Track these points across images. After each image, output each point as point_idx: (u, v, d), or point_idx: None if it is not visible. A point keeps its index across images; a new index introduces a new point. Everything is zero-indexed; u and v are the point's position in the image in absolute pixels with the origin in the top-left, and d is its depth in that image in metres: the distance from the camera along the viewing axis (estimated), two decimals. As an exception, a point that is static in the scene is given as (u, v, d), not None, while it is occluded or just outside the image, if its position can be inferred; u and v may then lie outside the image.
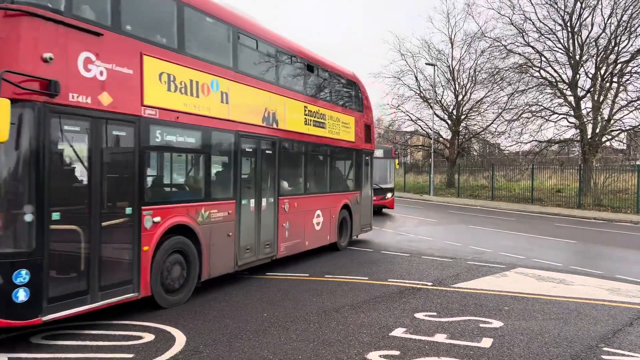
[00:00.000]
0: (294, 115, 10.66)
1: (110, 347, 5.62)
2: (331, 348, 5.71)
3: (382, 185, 21.34)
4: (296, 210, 10.65)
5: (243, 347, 5.67)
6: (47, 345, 5.66)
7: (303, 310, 7.27)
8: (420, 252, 12.75)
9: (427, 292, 8.54)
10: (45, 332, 6.00)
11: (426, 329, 6.47)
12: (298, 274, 9.81)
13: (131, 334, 6.08)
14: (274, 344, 5.83)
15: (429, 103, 40.36)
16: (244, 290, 8.43)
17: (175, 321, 6.61)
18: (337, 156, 12.99)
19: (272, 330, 6.30)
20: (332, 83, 12.82)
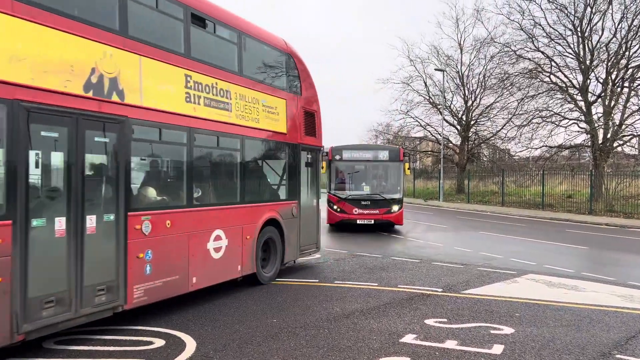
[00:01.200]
0: (163, 85, 7.13)
1: (121, 352, 5.65)
2: (341, 354, 5.70)
3: (386, 194, 18.06)
4: (171, 232, 7.07)
5: (253, 353, 5.68)
6: (59, 350, 5.71)
7: (313, 316, 7.27)
8: (430, 258, 12.70)
9: (438, 299, 8.50)
10: (57, 336, 6.05)
11: (437, 336, 6.44)
12: (307, 280, 9.81)
13: (142, 339, 6.11)
14: (284, 349, 5.83)
15: (438, 109, 40.30)
16: (253, 297, 8.44)
17: (186, 326, 6.64)
18: (257, 153, 9.51)
19: (282, 336, 6.31)
20: (246, 49, 8.94)
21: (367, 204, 17.75)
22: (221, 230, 8.17)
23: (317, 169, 11.59)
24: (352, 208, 17.74)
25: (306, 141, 10.91)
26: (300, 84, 10.78)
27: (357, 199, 17.88)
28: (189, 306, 7.68)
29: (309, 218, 11.04)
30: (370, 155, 18.73)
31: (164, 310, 7.31)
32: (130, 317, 6.95)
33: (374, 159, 18.62)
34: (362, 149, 19.26)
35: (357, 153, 18.71)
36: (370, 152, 18.97)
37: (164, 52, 7.12)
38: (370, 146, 19.60)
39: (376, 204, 17.70)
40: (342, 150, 18.48)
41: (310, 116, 11.18)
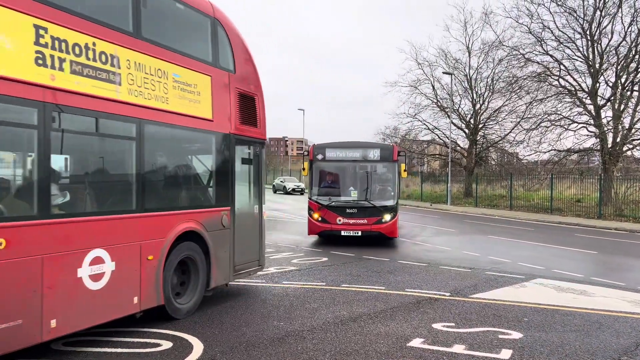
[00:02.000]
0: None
1: (129, 355, 5.66)
2: (349, 358, 5.68)
3: (377, 201, 15.04)
4: (7, 256, 4.77)
5: (260, 356, 5.67)
6: (67, 351, 5.73)
7: (320, 319, 7.26)
8: (438, 262, 12.65)
9: (445, 303, 8.46)
10: (65, 338, 6.07)
11: (444, 340, 6.41)
12: (314, 283, 9.80)
13: (149, 342, 6.12)
14: (291, 353, 5.82)
15: (446, 112, 40.20)
16: (260, 299, 8.44)
17: (193, 329, 6.64)
18: (167, 143, 7.24)
19: (289, 340, 6.30)
20: (147, 5, 6.72)
21: (353, 212, 14.84)
22: (103, 250, 5.84)
23: (260, 167, 9.36)
24: (335, 217, 14.87)
25: (243, 131, 8.60)
26: (233, 58, 8.44)
27: (341, 206, 15.01)
28: (197, 309, 7.68)
29: (247, 229, 8.83)
30: (359, 154, 15.52)
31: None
32: (138, 319, 6.96)
33: (363, 159, 15.51)
34: (348, 147, 15.72)
35: (343, 152, 15.54)
36: (359, 150, 15.60)
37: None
38: (358, 143, 16.12)
39: (364, 213, 14.83)
40: (325, 149, 15.56)
41: (249, 100, 8.84)
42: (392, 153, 15.34)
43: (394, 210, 14.94)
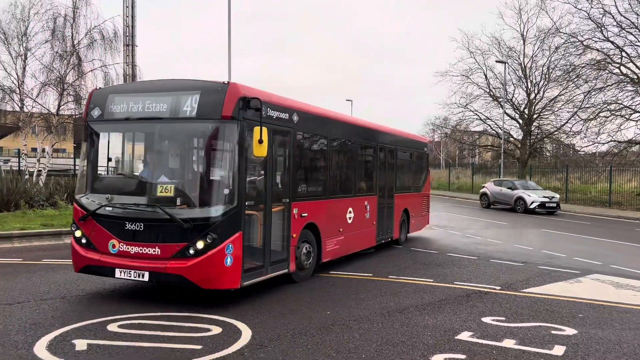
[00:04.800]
0: None
1: (180, 338, 5.83)
2: (395, 349, 5.65)
3: (178, 209, 7.14)
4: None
5: (307, 344, 5.73)
6: (122, 333, 5.96)
7: (366, 309, 7.25)
8: (488, 255, 12.38)
9: (495, 297, 8.27)
10: (121, 320, 6.32)
11: (494, 334, 6.27)
12: (361, 274, 9.79)
13: (200, 326, 6.28)
14: (338, 342, 5.84)
15: (499, 102, 39.11)
16: (307, 288, 8.50)
17: (242, 315, 6.77)
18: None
19: (336, 329, 6.32)
20: None
21: (137, 230, 7.15)
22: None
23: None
24: (106, 239, 7.31)
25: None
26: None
27: (117, 216, 7.34)
28: (245, 296, 7.83)
29: None
30: (163, 105, 7.40)
31: (221, 299, 7.49)
32: (189, 304, 7.16)
33: (173, 116, 7.33)
34: (148, 92, 7.72)
35: (138, 101, 7.55)
36: (164, 97, 7.45)
37: None
38: (165, 85, 7.68)
39: (156, 232, 7.07)
40: (107, 96, 7.84)
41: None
42: (224, 100, 7.01)
43: (227, 228, 6.88)
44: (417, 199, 15.10)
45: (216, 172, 7.19)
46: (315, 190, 9.48)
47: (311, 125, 9.30)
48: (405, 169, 14.47)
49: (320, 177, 9.87)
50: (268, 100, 7.86)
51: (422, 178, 15.73)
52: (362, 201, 11.31)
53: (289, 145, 8.56)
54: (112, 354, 5.29)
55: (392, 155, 13.18)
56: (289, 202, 8.40)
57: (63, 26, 21.51)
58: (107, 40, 22.09)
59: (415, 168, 15.28)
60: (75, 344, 5.53)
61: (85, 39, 21.68)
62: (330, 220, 9.84)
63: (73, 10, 21.46)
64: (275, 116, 8.01)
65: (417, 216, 15.03)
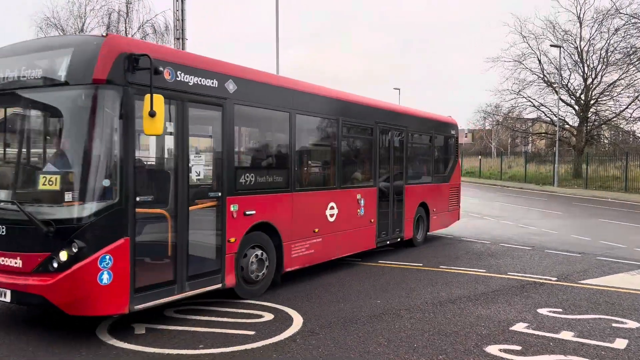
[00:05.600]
0: None
1: (234, 324, 5.96)
2: (447, 339, 5.58)
3: (37, 206, 5.34)
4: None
5: (357, 332, 5.73)
6: (179, 318, 6.14)
7: (417, 299, 7.18)
8: (544, 245, 12.01)
9: (552, 288, 8.03)
10: (177, 306, 6.51)
11: (551, 326, 6.09)
12: (411, 264, 9.70)
13: (252, 312, 6.40)
14: (388, 330, 5.82)
15: (554, 88, 37.72)
16: (357, 277, 8.50)
17: (293, 303, 6.85)
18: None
19: (386, 317, 6.30)
20: None
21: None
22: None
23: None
24: None
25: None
26: None
27: None
28: (296, 284, 7.91)
29: None
30: (33, 71, 5.57)
31: (272, 287, 7.60)
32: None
33: (41, 84, 5.54)
34: (15, 56, 5.85)
35: (5, 68, 5.77)
36: (31, 60, 5.65)
37: None
38: (33, 45, 5.99)
39: (15, 238, 5.34)
40: None
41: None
42: (97, 60, 5.23)
43: (101, 233, 5.20)
44: (440, 191, 12.82)
45: (87, 157, 5.26)
46: (271, 181, 7.51)
47: (261, 96, 7.32)
48: (421, 155, 12.34)
49: (280, 165, 7.91)
50: (177, 60, 6.00)
51: (449, 166, 13.40)
52: (351, 194, 9.30)
53: (222, 122, 6.56)
54: (169, 338, 5.46)
55: (400, 139, 11.10)
56: (222, 197, 6.52)
57: (117, 21, 22.27)
58: (158, 34, 22.72)
59: (438, 154, 12.96)
60: (134, 328, 5.74)
61: (138, 33, 22.32)
62: (298, 219, 7.92)
63: (126, 6, 22.14)
64: (193, 82, 6.10)
65: (441, 211, 12.79)
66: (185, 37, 24.02)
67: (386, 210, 10.43)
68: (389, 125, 10.60)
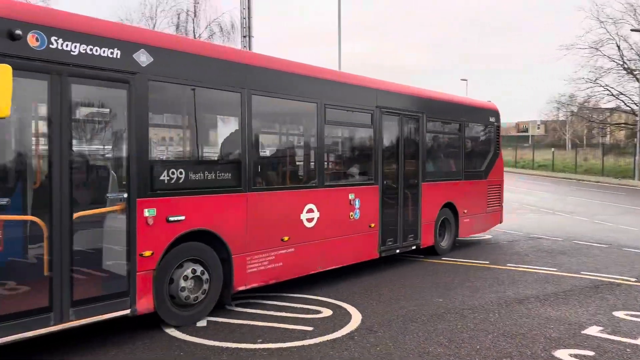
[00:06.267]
0: None
1: (292, 319, 5.96)
2: (513, 341, 5.32)
3: None
4: None
5: (417, 331, 5.58)
6: (239, 312, 6.22)
7: (482, 298, 6.91)
8: (621, 243, 11.28)
9: (630, 289, 7.50)
10: (238, 299, 6.61)
11: (628, 331, 5.67)
12: (476, 261, 9.37)
13: (311, 308, 6.38)
14: (450, 330, 5.63)
15: (634, 75, 35.36)
16: (419, 274, 8.31)
17: (352, 299, 6.77)
18: None
19: (448, 317, 6.10)
20: None
21: None
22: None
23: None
24: None
25: None
26: None
27: None
28: (355, 279, 7.83)
29: None
30: None
31: (331, 282, 7.56)
32: (303, 286, 7.30)
33: None
34: None
35: None
36: None
37: None
38: None
39: None
40: None
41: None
42: None
43: None
44: (474, 189, 10.83)
45: None
46: (212, 178, 5.94)
47: (193, 71, 5.83)
48: (446, 147, 10.58)
49: (227, 158, 6.52)
50: (52, 23, 4.70)
51: (486, 160, 11.34)
52: (340, 194, 7.72)
53: (128, 103, 5.22)
54: (229, 331, 5.54)
55: (414, 127, 9.36)
56: (129, 199, 5.17)
57: (185, 21, 22.95)
58: (224, 33, 23.22)
59: (472, 146, 11.09)
60: (196, 320, 5.88)
61: (205, 32, 22.94)
62: (257, 226, 6.38)
63: (194, 5, 22.77)
64: (79, 52, 4.82)
65: (476, 213, 10.85)
66: (252, 35, 24.43)
67: (394, 212, 8.76)
68: (396, 111, 8.85)
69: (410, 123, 9.26)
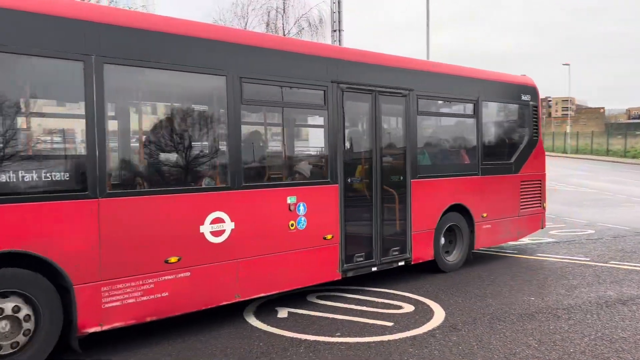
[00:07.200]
0: None
1: (373, 313, 5.88)
2: (612, 345, 4.88)
3: None
4: None
5: (505, 331, 5.28)
6: (320, 304, 6.24)
7: (579, 298, 6.42)
8: None
9: None
10: (318, 292, 6.63)
11: None
12: (575, 258, 8.73)
13: (392, 303, 6.26)
14: (541, 331, 5.27)
15: None
16: (510, 271, 7.88)
17: (435, 295, 6.56)
18: None
19: (540, 317, 5.72)
20: None
21: None
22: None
23: None
24: None
25: None
26: None
27: None
28: (441, 275, 7.59)
29: None
30: None
31: (415, 277, 7.38)
32: (385, 280, 7.19)
33: None
34: None
35: None
36: None
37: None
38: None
39: None
40: None
41: None
42: None
43: None
44: (498, 187, 8.53)
45: None
46: (34, 181, 4.28)
47: None
48: (453, 133, 8.52)
49: (57, 151, 4.92)
50: None
51: (518, 149, 8.99)
52: (272, 197, 5.80)
53: None
54: (308, 323, 5.56)
55: (399, 108, 7.26)
56: None
57: (275, 18, 23.43)
58: (313, 27, 23.44)
59: (494, 132, 8.83)
60: (277, 311, 5.96)
61: (294, 28, 23.30)
62: (120, 244, 4.73)
63: (283, 2, 23.19)
64: None
65: (502, 217, 8.55)
66: (342, 29, 24.48)
67: (366, 219, 6.79)
68: (366, 88, 6.78)
69: (393, 103, 7.19)
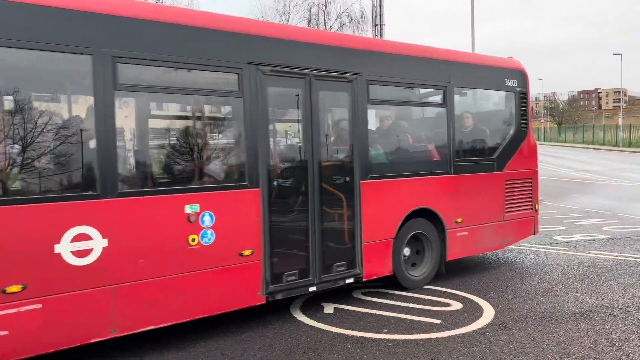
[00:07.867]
0: None
1: (420, 311, 5.81)
2: (674, 347, 4.67)
3: None
4: None
5: (557, 330, 5.13)
6: (366, 300, 6.22)
7: (636, 297, 6.17)
8: None
9: None
10: (364, 288, 6.61)
11: None
12: (631, 255, 8.39)
13: (439, 300, 6.17)
14: (596, 331, 5.09)
15: None
16: (561, 268, 7.65)
17: (484, 293, 6.43)
18: None
19: (595, 316, 5.52)
20: None
21: None
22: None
23: None
24: None
25: None
26: None
27: None
28: (488, 272, 7.44)
29: None
30: None
31: (463, 274, 7.26)
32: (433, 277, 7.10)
33: None
34: None
35: None
36: None
37: None
38: None
39: None
40: None
41: None
42: None
43: None
44: (477, 187, 7.27)
45: None
46: None
47: None
48: (417, 124, 7.57)
49: None
50: None
51: (503, 143, 7.72)
52: (162, 206, 4.71)
53: None
54: (355, 320, 5.55)
55: (342, 95, 6.14)
56: None
57: (317, 14, 23.48)
58: (354, 22, 23.37)
59: (470, 123, 7.48)
60: (324, 307, 5.98)
61: (335, 23, 23.28)
62: None
63: (324, -2, 23.22)
64: None
65: (482, 222, 7.31)
66: (383, 23, 24.31)
67: (299, 230, 5.67)
68: (297, 72, 5.62)
69: (334, 89, 6.06)
